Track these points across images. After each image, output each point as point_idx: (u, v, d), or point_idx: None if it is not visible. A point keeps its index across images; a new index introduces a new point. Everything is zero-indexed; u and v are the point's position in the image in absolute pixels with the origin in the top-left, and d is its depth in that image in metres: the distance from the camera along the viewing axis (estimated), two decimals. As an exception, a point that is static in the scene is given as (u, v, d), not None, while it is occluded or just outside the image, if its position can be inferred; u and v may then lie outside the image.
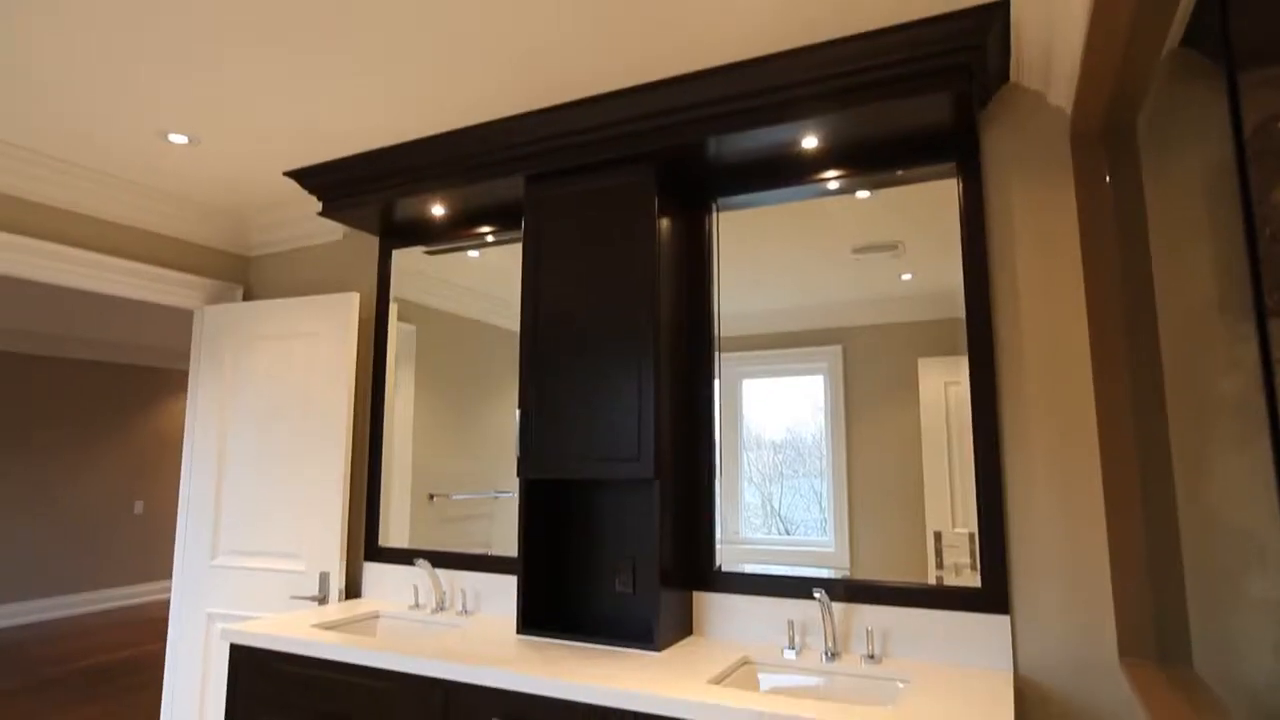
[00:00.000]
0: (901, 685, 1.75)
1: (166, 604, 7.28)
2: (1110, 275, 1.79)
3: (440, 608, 2.45)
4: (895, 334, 2.03)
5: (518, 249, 2.60)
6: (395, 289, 2.85)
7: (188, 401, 3.04)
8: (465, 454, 2.62)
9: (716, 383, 2.22)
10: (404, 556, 2.65)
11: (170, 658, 2.88)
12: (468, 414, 2.63)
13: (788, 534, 2.09)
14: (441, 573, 2.54)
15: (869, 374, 2.05)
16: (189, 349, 7.23)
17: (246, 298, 3.21)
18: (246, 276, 3.23)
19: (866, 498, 2.01)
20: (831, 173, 2.12)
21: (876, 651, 1.88)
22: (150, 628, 6.36)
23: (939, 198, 2.01)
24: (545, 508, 2.26)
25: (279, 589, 2.71)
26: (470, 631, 2.17)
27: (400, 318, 2.83)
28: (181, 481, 2.99)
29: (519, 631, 2.12)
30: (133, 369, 7.52)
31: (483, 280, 2.66)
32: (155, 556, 7.53)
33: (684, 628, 2.08)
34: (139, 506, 7.43)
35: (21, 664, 5.26)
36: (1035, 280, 1.89)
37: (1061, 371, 1.84)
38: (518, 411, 2.18)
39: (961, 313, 1.94)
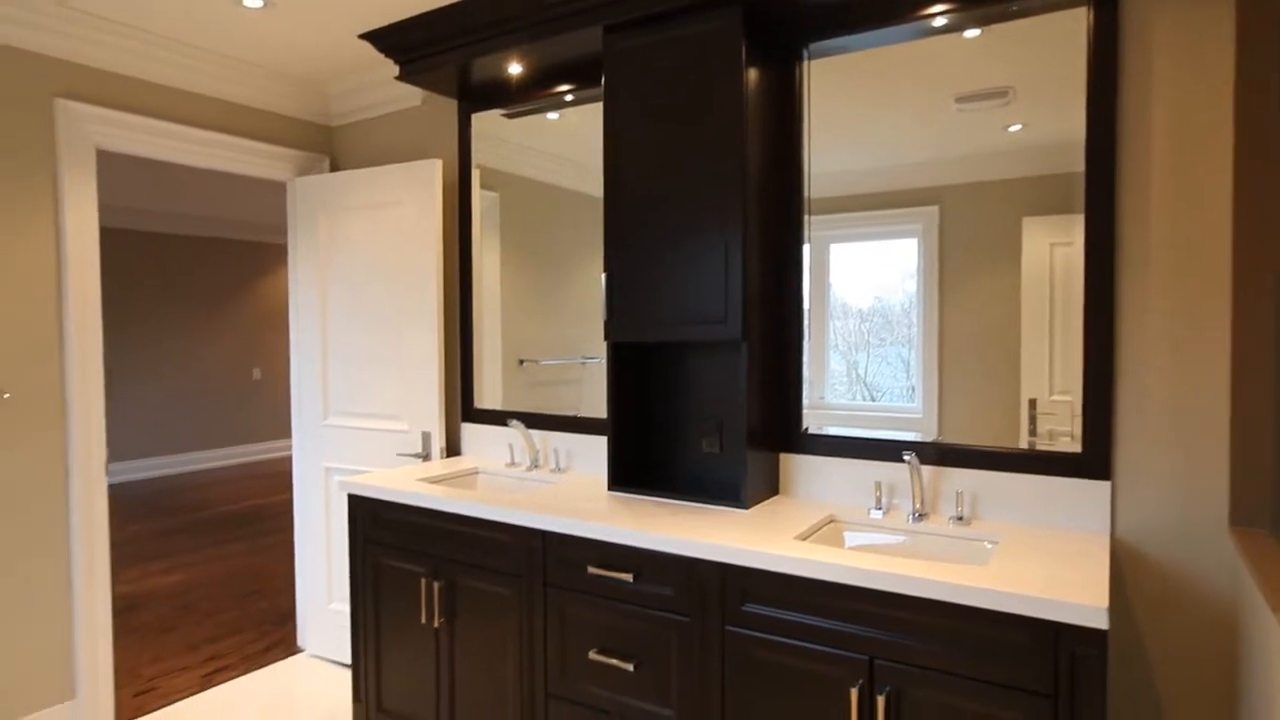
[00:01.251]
0: (991, 545, 1.75)
1: (286, 459, 8.00)
2: (1272, 119, 1.57)
3: (534, 465, 2.58)
4: (998, 192, 1.88)
5: (598, 110, 2.50)
6: (476, 155, 2.82)
7: (289, 273, 3.17)
8: (552, 320, 2.66)
9: (806, 246, 2.13)
10: (498, 418, 2.77)
11: (298, 505, 3.18)
12: (553, 281, 2.65)
13: (872, 400, 2.07)
14: (534, 433, 2.65)
15: (966, 235, 1.92)
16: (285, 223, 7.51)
17: (333, 168, 3.25)
18: (331, 147, 3.26)
19: (958, 364, 1.95)
20: (938, 7, 1.91)
21: (965, 513, 1.88)
22: (277, 480, 7.03)
23: (1062, 31, 1.79)
24: (633, 370, 2.29)
25: (385, 447, 2.91)
26: (563, 488, 2.29)
27: (482, 185, 2.82)
28: (291, 349, 3.18)
29: (610, 488, 2.21)
30: (247, 245, 7.91)
31: (563, 144, 2.60)
32: (275, 418, 8.20)
33: (770, 488, 2.12)
34: (257, 373, 8.03)
35: (173, 508, 5.95)
36: (1172, 126, 1.69)
37: (1193, 231, 1.67)
38: (603, 275, 2.18)
39: (1076, 167, 1.77)
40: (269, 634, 3.40)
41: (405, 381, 2.85)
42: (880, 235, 2.04)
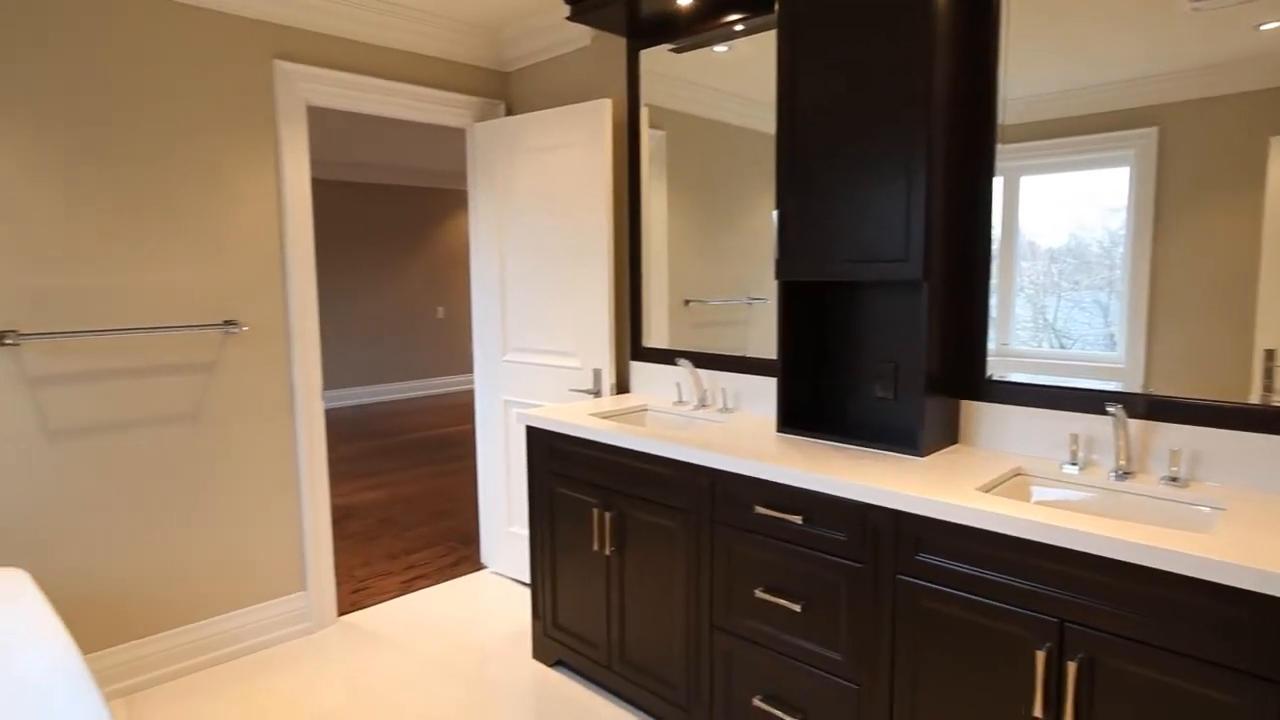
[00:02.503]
0: (1211, 510, 1.57)
1: (467, 392, 8.64)
2: None
3: (702, 405, 2.60)
4: (1238, 108, 1.60)
5: (768, 40, 2.40)
6: (644, 94, 2.81)
7: (469, 216, 3.36)
8: (718, 260, 2.64)
9: (996, 178, 1.95)
10: (666, 357, 2.82)
11: (480, 435, 3.44)
12: (720, 220, 2.62)
13: (1061, 348, 1.88)
14: (702, 373, 2.67)
15: (1192, 161, 1.66)
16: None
17: (508, 113, 3.37)
18: (507, 92, 3.37)
19: (1173, 309, 1.72)
20: (1185, -114, 1.62)
21: (1182, 474, 1.68)
22: (459, 411, 7.62)
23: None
24: (804, 310, 2.23)
25: (559, 382, 3.05)
26: (731, 427, 2.30)
27: (650, 124, 2.81)
28: (472, 289, 3.39)
29: (778, 430, 2.20)
30: (431, 191, 8.49)
31: (731, 79, 2.52)
32: (456, 354, 8.85)
33: (948, 436, 2.01)
34: (441, 311, 8.68)
35: (367, 433, 6.63)
36: None
37: None
38: (775, 212, 2.12)
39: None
40: (456, 550, 3.75)
41: (578, 320, 2.96)
42: (1081, 165, 1.82)
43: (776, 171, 2.10)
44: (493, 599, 3.17)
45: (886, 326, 2.13)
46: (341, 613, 3.04)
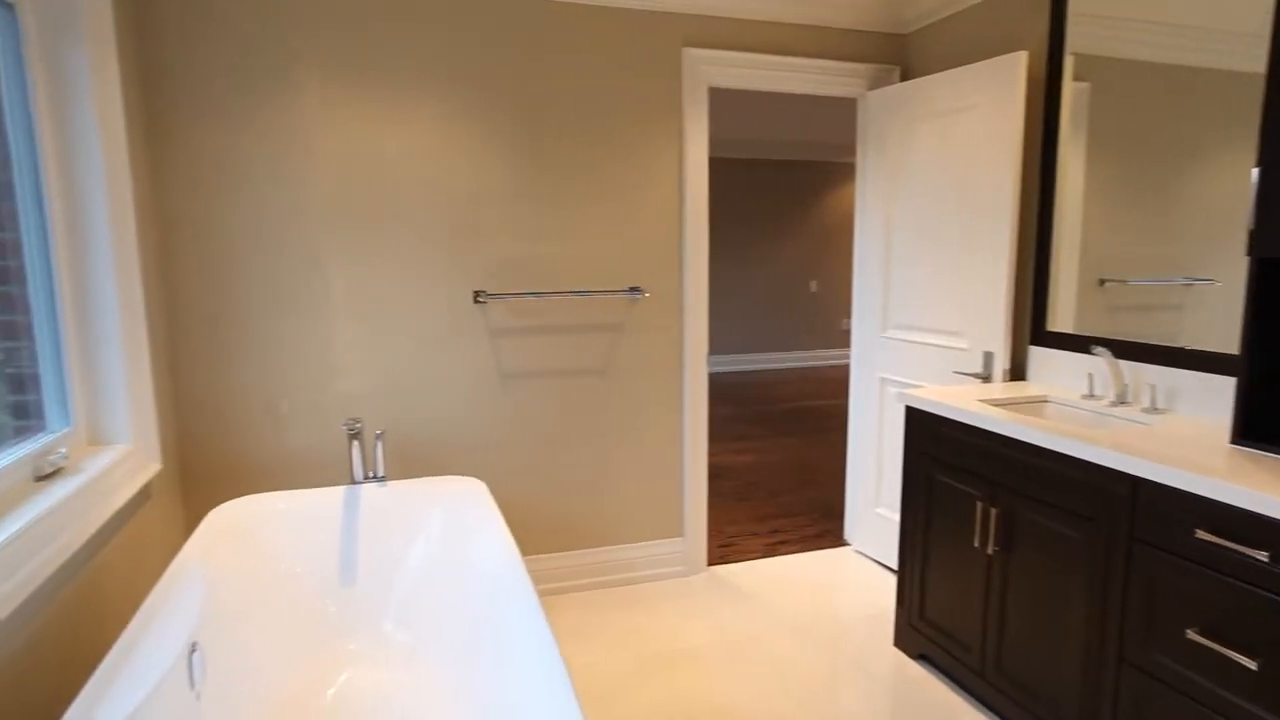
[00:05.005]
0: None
1: (837, 367, 8.58)
2: None
3: (1120, 401, 2.22)
4: None
5: (1264, -56, 1.89)
6: (1070, 40, 2.43)
7: (856, 188, 3.29)
8: (1145, 234, 2.20)
9: None
10: (1075, 343, 2.45)
11: (852, 410, 3.39)
12: (1152, 186, 2.17)
13: None
14: (1122, 364, 2.27)
15: None
16: (852, 142, 7.79)
17: (904, 78, 3.20)
18: (904, 55, 3.20)
19: None
20: None
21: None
22: (826, 385, 7.62)
23: None
24: (1285, 296, 1.75)
25: (942, 363, 2.85)
26: (1160, 431, 1.92)
27: (1072, 75, 2.43)
28: (854, 262, 3.33)
29: (1234, 441, 1.77)
30: (810, 165, 8.56)
31: (1182, 8, 2.04)
32: (827, 328, 8.84)
33: None
34: (814, 285, 8.74)
35: (739, 399, 6.98)
36: None
37: None
38: (1254, 171, 1.68)
39: None
40: (819, 522, 3.77)
41: (969, 298, 2.72)
42: None
43: (1263, 118, 1.66)
44: (854, 577, 3.14)
45: None
46: (710, 563, 3.28)
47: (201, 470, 2.53)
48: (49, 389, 1.82)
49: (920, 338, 2.96)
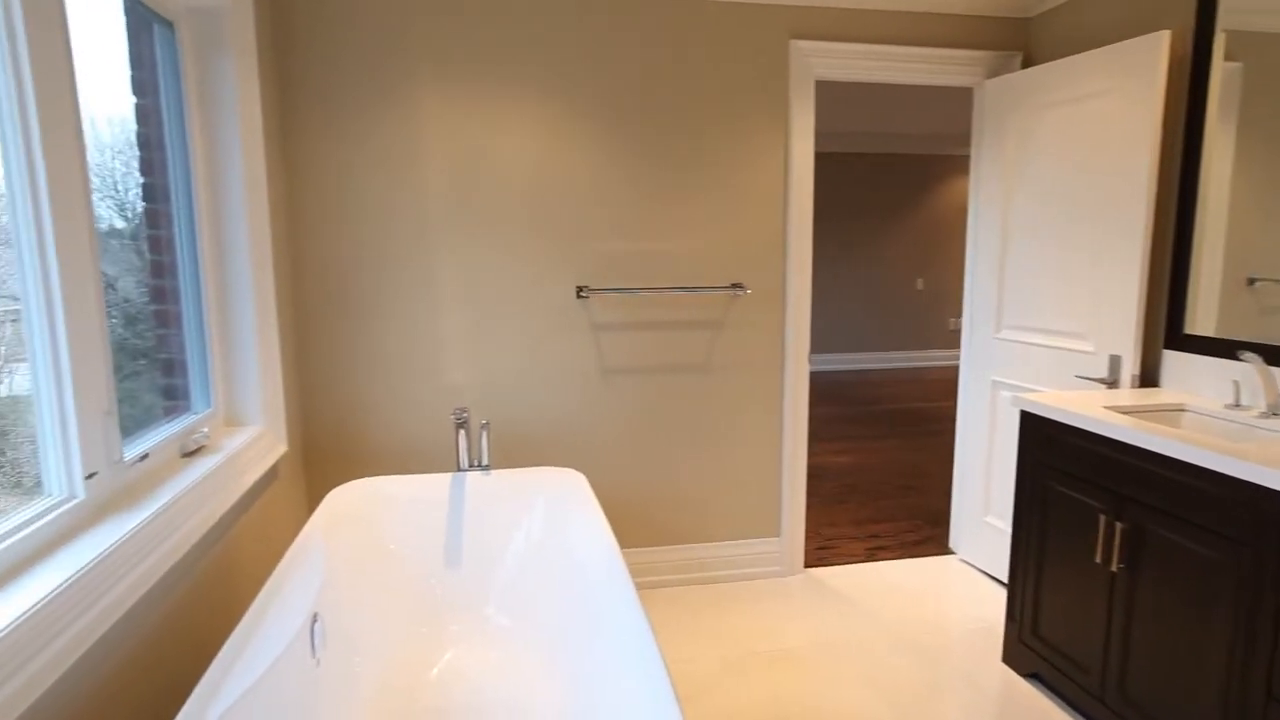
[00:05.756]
0: None
1: (943, 368, 8.24)
2: None
3: (1273, 413, 2.02)
4: None
5: None
6: (1222, 17, 2.23)
7: (970, 181, 3.14)
8: (1319, 226, 1.99)
9: None
10: (1218, 348, 2.25)
11: (961, 414, 3.25)
12: (1331, 171, 1.96)
13: None
14: (1275, 371, 2.07)
15: None
16: (963, 133, 7.45)
17: (1025, 64, 3.02)
18: (1026, 40, 3.03)
19: None
20: None
21: None
22: (933, 386, 7.33)
23: None
24: None
25: (1062, 367, 2.69)
26: (1320, 446, 1.74)
27: (1223, 55, 2.23)
28: (966, 259, 3.18)
29: None
30: (917, 158, 8.25)
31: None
32: (933, 327, 8.50)
33: None
34: (920, 283, 8.41)
35: (839, 398, 6.81)
36: None
37: None
38: None
39: None
40: (922, 529, 3.63)
41: (1094, 298, 2.55)
42: None
43: None
44: (959, 588, 3.00)
45: None
46: (807, 565, 3.22)
47: (320, 452, 2.70)
48: (194, 374, 1.99)
49: (1038, 339, 2.80)
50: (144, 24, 1.79)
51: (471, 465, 2.33)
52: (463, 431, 2.29)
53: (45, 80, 1.24)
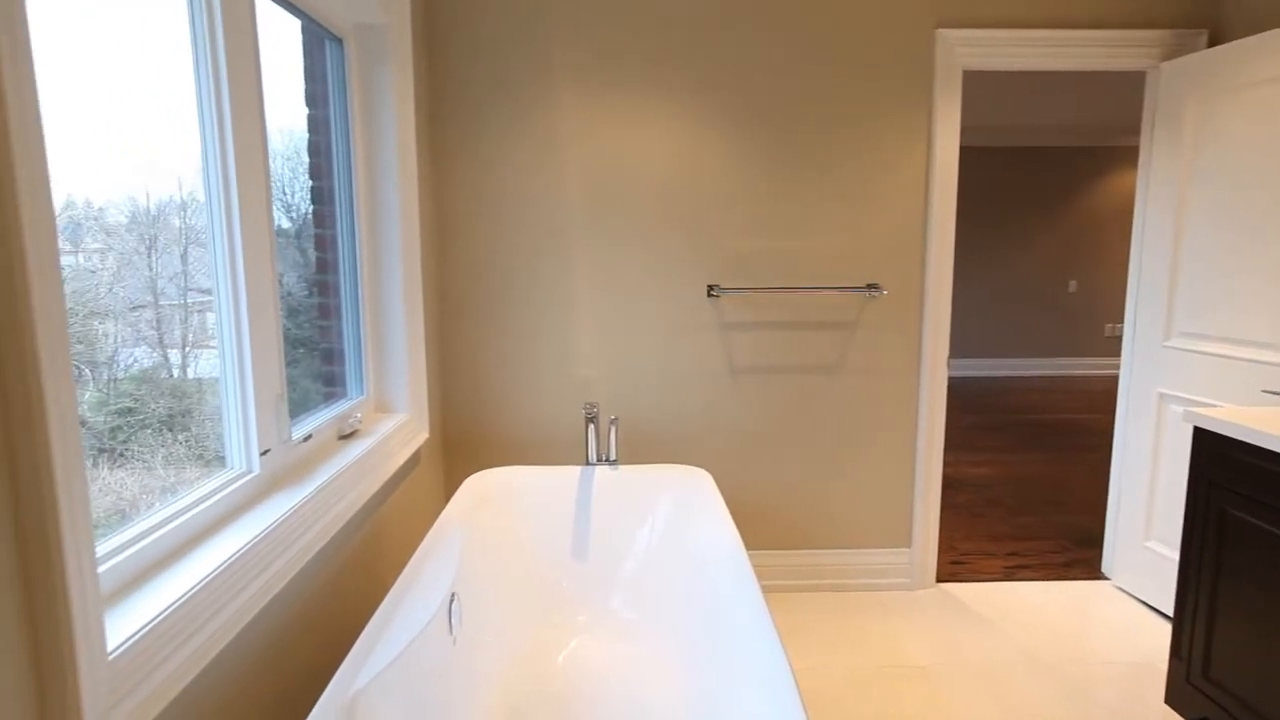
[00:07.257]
0: None
1: (1098, 378, 7.60)
2: None
3: None
4: None
5: None
6: None
7: (1139, 174, 2.87)
8: None
9: None
10: None
11: (1120, 428, 2.98)
12: None
13: None
14: None
15: None
16: (1125, 122, 6.84)
17: (1212, 43, 2.73)
18: (1214, 17, 2.73)
19: None
20: None
21: None
22: (1085, 397, 6.78)
23: None
24: None
25: (1248, 379, 2.41)
26: None
27: None
28: (1131, 260, 2.91)
29: None
30: (1069, 150, 7.65)
31: None
32: (1087, 333, 7.86)
33: None
34: (1073, 285, 7.80)
35: (981, 406, 6.43)
36: None
37: None
38: None
39: None
40: (1069, 550, 3.37)
41: (1288, 303, 2.27)
42: None
43: None
44: (1112, 618, 2.76)
45: None
46: (939, 579, 3.06)
47: (457, 440, 2.84)
48: (350, 363, 2.15)
49: (1217, 349, 2.52)
50: (318, 41, 1.95)
51: (600, 460, 2.39)
52: (592, 426, 2.35)
53: (240, 101, 1.38)
